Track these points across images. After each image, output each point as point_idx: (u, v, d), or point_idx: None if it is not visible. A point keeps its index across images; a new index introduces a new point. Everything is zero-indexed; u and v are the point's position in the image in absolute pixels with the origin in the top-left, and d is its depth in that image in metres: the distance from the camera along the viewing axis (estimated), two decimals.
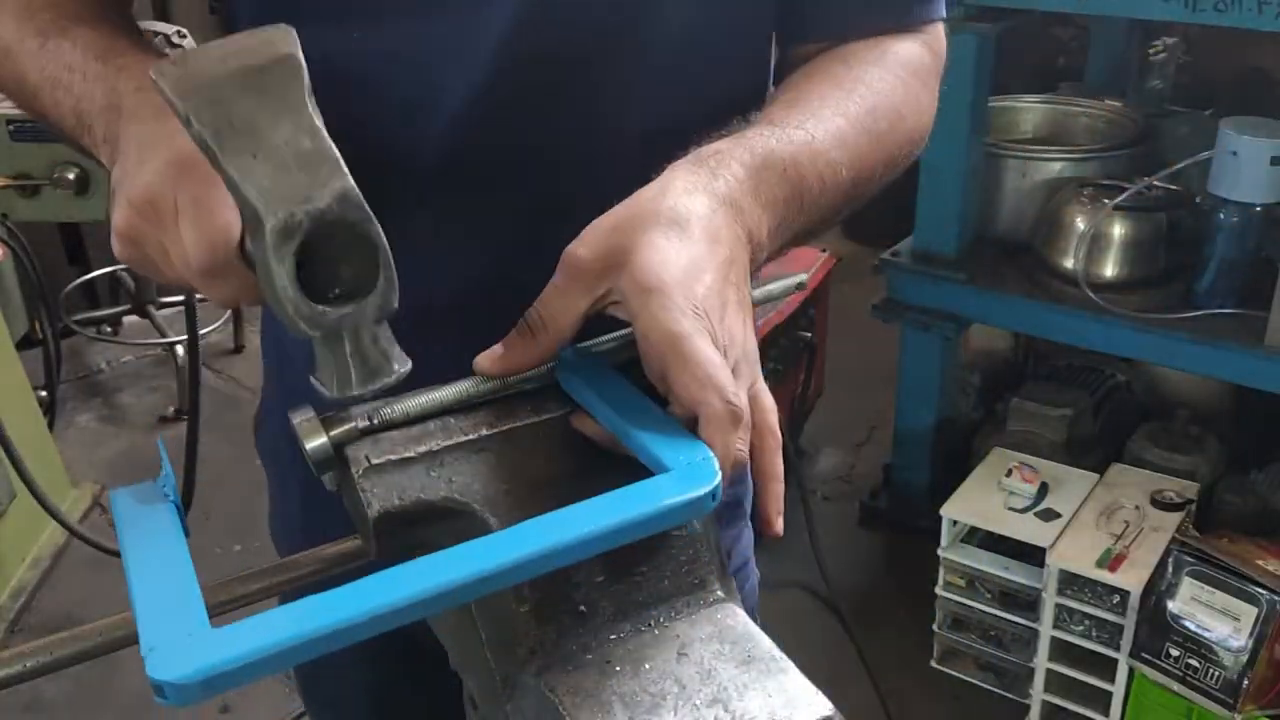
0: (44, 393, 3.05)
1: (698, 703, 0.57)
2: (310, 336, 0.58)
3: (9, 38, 0.80)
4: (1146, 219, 2.40)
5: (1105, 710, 2.15)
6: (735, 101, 0.81)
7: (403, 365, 0.61)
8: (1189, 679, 1.97)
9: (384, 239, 0.58)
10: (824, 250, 3.13)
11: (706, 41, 0.83)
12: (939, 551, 2.31)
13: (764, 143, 0.71)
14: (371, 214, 0.58)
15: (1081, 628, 2.15)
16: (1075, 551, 2.13)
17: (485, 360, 0.64)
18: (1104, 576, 2.07)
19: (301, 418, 0.62)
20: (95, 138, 0.73)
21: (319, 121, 0.58)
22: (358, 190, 0.57)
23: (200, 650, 0.48)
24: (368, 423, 0.62)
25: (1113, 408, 2.71)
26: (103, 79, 0.73)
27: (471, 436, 0.63)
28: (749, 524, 1.09)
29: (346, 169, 0.57)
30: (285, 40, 0.59)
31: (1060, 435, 2.57)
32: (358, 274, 0.58)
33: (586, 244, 0.63)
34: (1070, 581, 2.12)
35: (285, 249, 0.56)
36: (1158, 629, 2.01)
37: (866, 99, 0.79)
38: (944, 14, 0.89)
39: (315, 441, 0.61)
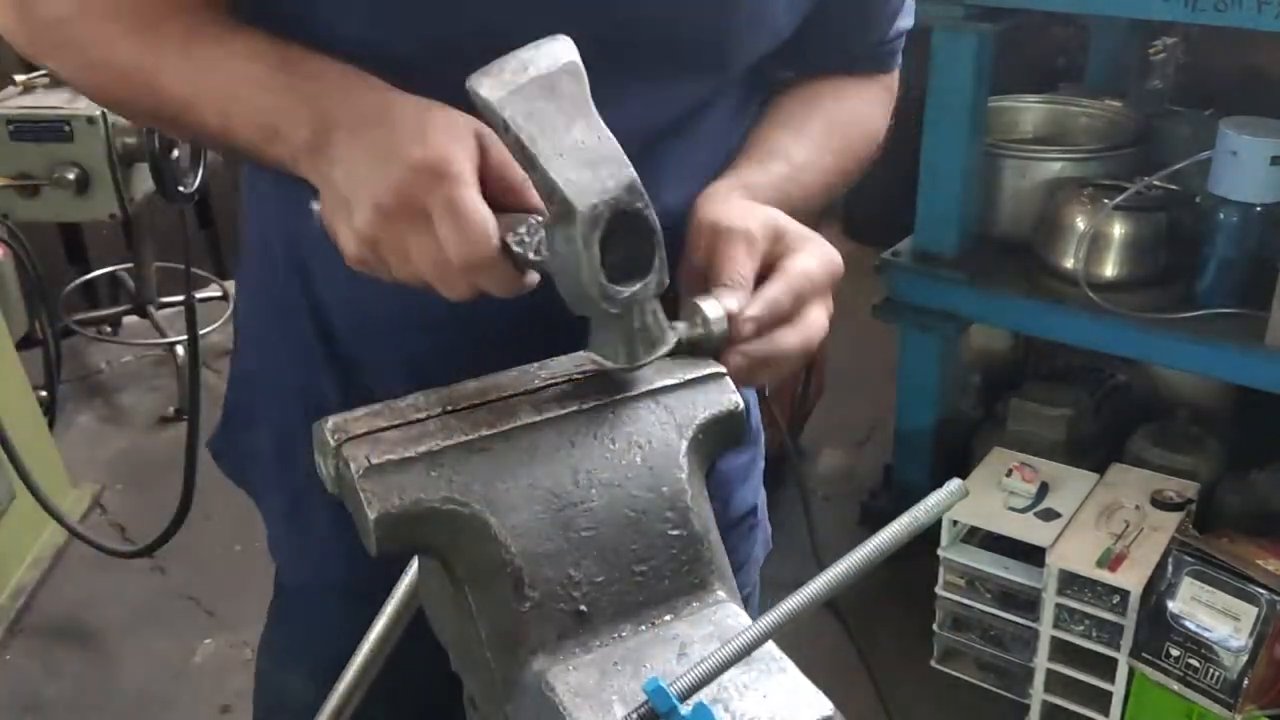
0: (44, 393, 3.04)
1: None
2: (608, 313, 0.65)
3: (129, 57, 0.79)
4: (1146, 219, 2.40)
5: (1105, 710, 2.15)
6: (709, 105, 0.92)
7: (672, 337, 0.69)
8: (1189, 679, 1.97)
9: (659, 223, 0.65)
10: None
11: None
12: (939, 551, 2.30)
13: (778, 173, 0.90)
14: (649, 201, 0.65)
15: (1081, 627, 2.14)
16: (1075, 551, 2.13)
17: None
18: (1104, 576, 2.07)
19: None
20: (292, 147, 0.74)
21: (600, 120, 0.65)
22: (640, 181, 0.64)
23: None
24: None
25: (1113, 408, 2.71)
26: (293, 89, 0.75)
27: (471, 436, 0.63)
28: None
29: (628, 161, 0.64)
30: (567, 49, 0.65)
31: (1060, 435, 2.57)
32: (633, 255, 0.65)
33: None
34: (1070, 581, 2.12)
35: (592, 236, 0.63)
36: (1158, 629, 2.01)
37: (850, 131, 0.99)
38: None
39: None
